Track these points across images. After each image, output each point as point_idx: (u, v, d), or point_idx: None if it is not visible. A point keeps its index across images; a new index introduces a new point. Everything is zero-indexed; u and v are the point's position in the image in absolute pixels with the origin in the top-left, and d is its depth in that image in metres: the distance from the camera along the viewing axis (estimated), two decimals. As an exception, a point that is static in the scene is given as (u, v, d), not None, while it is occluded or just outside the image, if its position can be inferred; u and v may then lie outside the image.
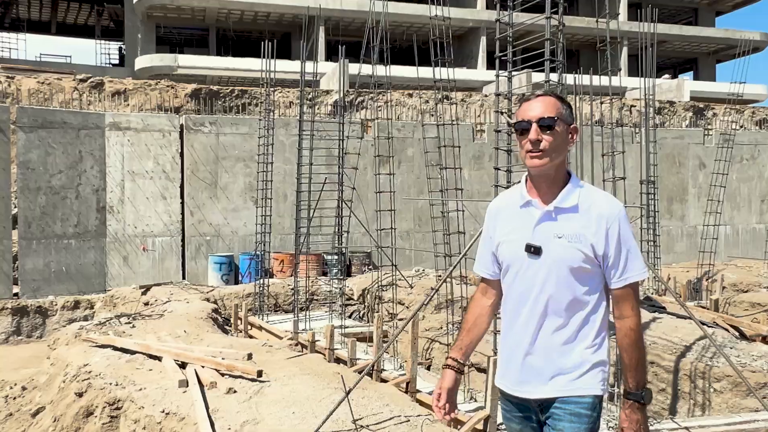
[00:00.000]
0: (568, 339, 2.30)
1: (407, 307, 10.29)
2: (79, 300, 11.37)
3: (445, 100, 19.82)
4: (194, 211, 13.98)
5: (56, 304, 11.08)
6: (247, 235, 14.35)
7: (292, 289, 11.72)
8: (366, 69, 12.76)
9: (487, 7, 34.56)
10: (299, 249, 10.12)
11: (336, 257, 13.85)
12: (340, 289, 10.37)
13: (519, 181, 2.49)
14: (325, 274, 14.06)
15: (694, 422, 4.79)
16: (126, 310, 10.51)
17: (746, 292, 10.59)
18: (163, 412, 4.55)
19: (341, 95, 12.21)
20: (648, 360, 5.74)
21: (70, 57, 32.43)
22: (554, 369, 2.30)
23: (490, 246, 2.49)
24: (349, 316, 11.29)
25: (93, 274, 13.24)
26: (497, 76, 6.31)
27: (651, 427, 5.03)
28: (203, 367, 5.45)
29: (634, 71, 37.38)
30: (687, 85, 30.02)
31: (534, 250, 2.30)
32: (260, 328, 9.44)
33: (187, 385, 5.00)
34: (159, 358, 5.90)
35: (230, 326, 9.93)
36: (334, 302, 11.20)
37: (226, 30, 34.08)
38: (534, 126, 2.27)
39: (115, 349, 6.33)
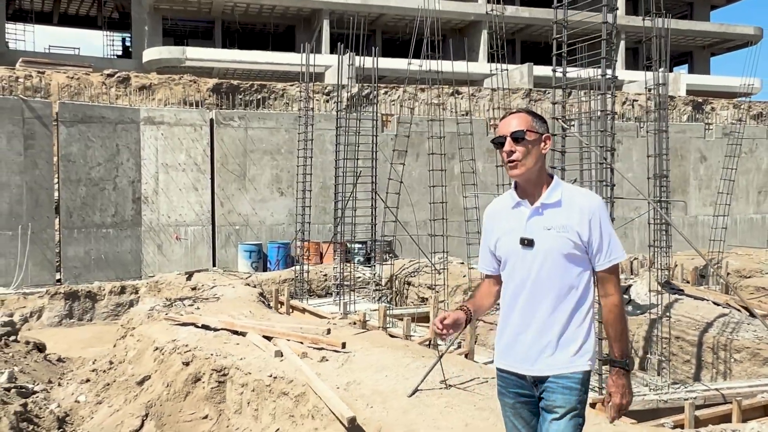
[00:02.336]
0: (561, 320, 2.58)
1: (437, 292, 11.05)
2: (125, 285, 12.05)
3: (456, 95, 20.54)
4: (224, 202, 14.66)
5: (104, 290, 11.76)
6: (274, 224, 15.07)
7: (324, 275, 12.48)
8: (381, 62, 13.27)
9: (488, 1, 35.19)
10: (337, 237, 10.83)
11: (359, 245, 14.61)
12: (376, 275, 11.10)
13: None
14: (348, 261, 14.80)
15: (722, 385, 5.59)
16: (171, 295, 11.19)
17: (749, 278, 11.42)
18: (271, 376, 5.27)
19: (358, 90, 12.85)
20: (674, 335, 6.55)
21: (79, 49, 32.70)
22: (550, 348, 2.58)
23: (489, 245, 2.80)
24: (378, 300, 12.03)
25: (129, 262, 13.92)
26: (554, 78, 6.96)
27: (687, 389, 5.82)
28: (288, 340, 6.18)
29: (630, 65, 38.19)
30: (683, 79, 30.85)
31: (527, 243, 2.60)
32: (303, 310, 10.16)
33: (282, 356, 5.72)
34: (242, 334, 6.61)
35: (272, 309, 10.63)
36: (364, 287, 11.94)
37: (231, 22, 34.50)
38: (508, 139, 2.61)
39: (196, 326, 7.05)
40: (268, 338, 6.34)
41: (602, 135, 5.47)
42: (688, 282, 11.52)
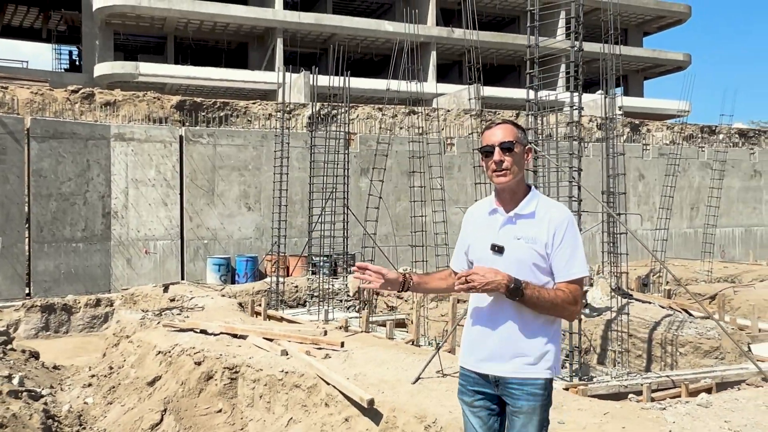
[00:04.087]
0: (526, 327, 2.66)
1: (405, 301, 11.76)
2: (100, 298, 12.31)
3: (411, 114, 21.43)
4: (193, 217, 15.05)
5: (79, 302, 12.00)
6: (242, 238, 15.53)
7: (296, 287, 13.04)
8: (335, 81, 13.91)
9: (437, 24, 36.48)
10: (313, 251, 11.43)
11: (325, 258, 15.21)
12: (347, 285, 11.74)
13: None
14: (314, 273, 15.37)
15: (671, 373, 6.49)
16: (147, 307, 11.54)
17: (687, 285, 12.58)
18: (282, 371, 5.85)
19: (319, 108, 13.51)
20: (626, 333, 7.44)
21: (27, 62, 32.28)
22: (513, 352, 2.67)
23: (463, 246, 2.91)
24: (348, 309, 12.65)
25: (99, 276, 14.14)
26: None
27: (642, 377, 6.69)
28: (289, 341, 6.77)
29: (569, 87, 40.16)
30: (617, 102, 32.66)
31: (498, 249, 2.69)
32: (281, 319, 10.69)
33: (288, 354, 6.31)
34: (243, 337, 7.16)
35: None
36: (332, 298, 12.54)
37: (183, 38, 34.67)
38: (497, 149, 2.69)
39: (195, 332, 7.55)
40: (269, 340, 6.92)
41: (570, 157, 6.34)
42: (632, 290, 12.60)
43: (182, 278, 14.81)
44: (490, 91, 30.61)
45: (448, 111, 21.66)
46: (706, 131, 24.48)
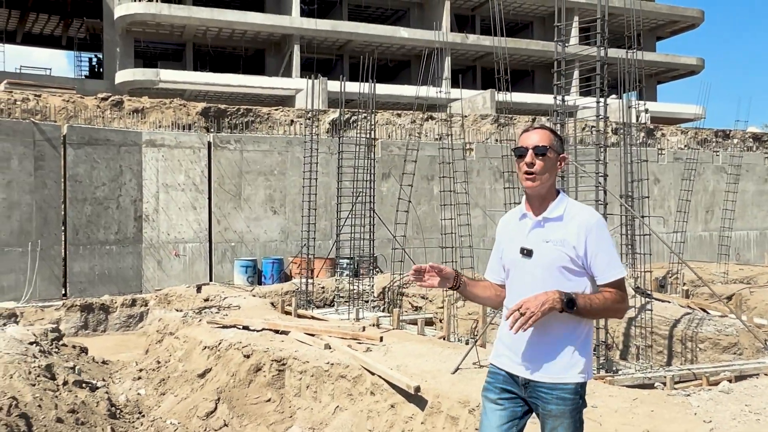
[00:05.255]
0: (556, 331, 2.69)
1: (430, 301, 12.17)
2: (135, 298, 12.79)
3: (429, 119, 21.86)
4: (220, 220, 15.54)
5: (116, 302, 12.49)
6: (267, 241, 16.00)
7: (322, 288, 13.48)
8: (351, 86, 14.26)
9: (452, 30, 36.93)
10: (340, 253, 11.86)
11: (347, 260, 15.66)
12: (372, 286, 12.17)
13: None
14: (340, 275, 15.80)
15: (692, 366, 6.86)
16: (181, 306, 12.03)
17: (703, 286, 12.91)
18: (328, 363, 6.27)
19: (339, 114, 13.94)
20: (648, 330, 7.82)
21: (50, 69, 32.98)
22: (544, 356, 2.70)
23: (498, 253, 2.97)
24: (373, 309, 13.07)
25: (131, 277, 14.64)
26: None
27: (665, 369, 7.06)
28: (330, 336, 7.20)
29: (584, 92, 40.44)
30: (637, 106, 32.93)
31: (526, 252, 2.75)
32: (311, 318, 11.11)
33: (331, 348, 6.74)
34: (285, 333, 7.60)
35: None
36: (357, 298, 12.96)
37: (202, 45, 35.29)
38: (530, 152, 2.73)
39: (238, 328, 8.00)
40: (310, 336, 7.35)
41: (596, 163, 6.73)
42: (651, 290, 12.94)
43: (210, 280, 15.28)
44: (503, 96, 30.97)
45: (466, 116, 22.05)
46: (720, 135, 24.75)
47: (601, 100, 7.01)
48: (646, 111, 9.85)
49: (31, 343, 7.30)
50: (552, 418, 2.71)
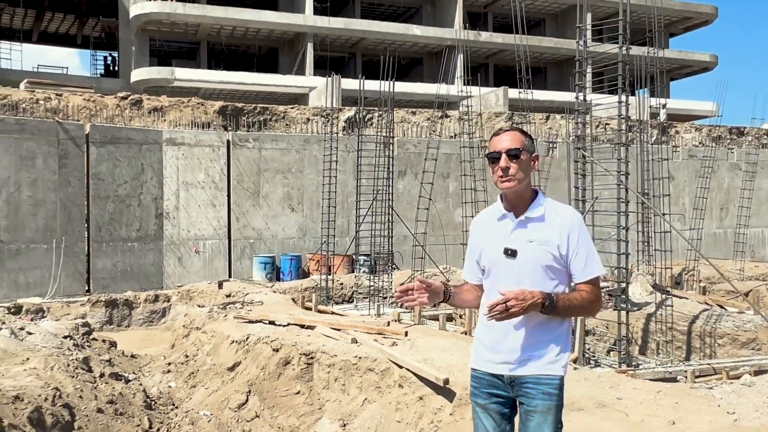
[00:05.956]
0: (540, 327, 2.73)
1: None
2: (158, 294, 13.04)
3: (444, 117, 22.00)
4: (239, 217, 15.76)
5: (139, 298, 12.73)
6: (285, 238, 16.21)
7: (341, 284, 13.67)
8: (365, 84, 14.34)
9: (464, 27, 37.00)
10: (357, 250, 12.04)
11: (365, 257, 15.83)
12: (392, 283, 12.34)
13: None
14: (353, 271, 15.99)
15: (712, 361, 6.99)
16: (203, 302, 12.25)
17: (718, 283, 13.00)
18: (356, 356, 6.45)
19: (355, 112, 14.15)
20: (667, 326, 7.95)
21: (67, 68, 33.36)
22: (528, 351, 2.74)
23: (474, 255, 2.95)
24: (391, 305, 13.24)
25: (152, 273, 14.89)
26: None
27: (685, 364, 7.20)
28: (355, 331, 7.38)
29: (597, 88, 40.42)
30: (646, 103, 32.93)
31: (511, 253, 2.76)
32: (332, 314, 11.30)
33: (358, 342, 6.92)
34: (311, 328, 7.79)
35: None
36: (375, 294, 13.13)
37: (216, 44, 35.56)
38: (503, 156, 2.75)
39: (264, 323, 8.19)
40: (335, 330, 7.53)
41: (618, 162, 6.87)
42: (668, 287, 13.05)
43: (229, 276, 15.51)
44: (516, 93, 31.06)
45: (480, 114, 22.17)
46: (734, 132, 24.73)
47: (623, 99, 7.12)
48: (664, 106, 9.88)
49: (65, 337, 7.52)
50: (537, 414, 2.74)
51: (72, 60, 67.85)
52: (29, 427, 4.83)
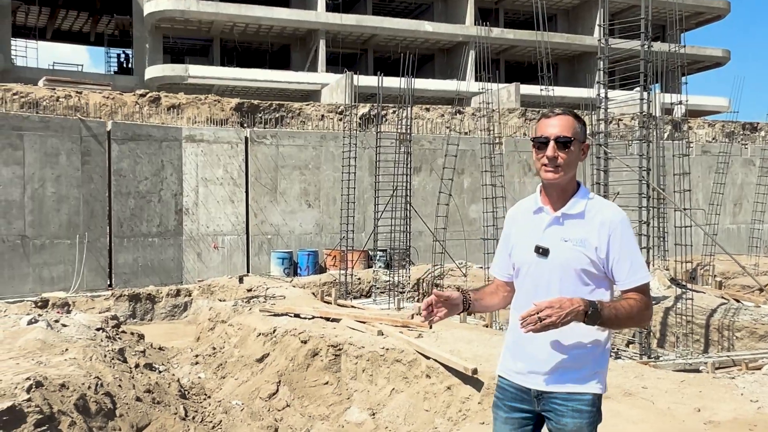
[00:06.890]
0: (572, 337, 2.40)
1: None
2: (180, 289, 13.28)
3: (458, 113, 22.13)
4: (257, 213, 15.97)
5: (161, 292, 12.97)
6: (302, 234, 16.41)
7: (359, 279, 13.86)
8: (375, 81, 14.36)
9: (476, 23, 37.06)
10: (376, 245, 12.22)
11: (381, 253, 16.02)
12: (409, 278, 12.52)
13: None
14: (369, 266, 16.18)
15: (730, 353, 7.13)
16: (224, 297, 12.48)
17: (734, 278, 13.12)
18: (383, 348, 6.63)
19: (369, 109, 14.31)
20: (685, 319, 8.09)
21: (82, 66, 33.67)
22: (559, 363, 2.42)
23: (506, 248, 2.65)
24: (408, 299, 13.43)
25: (172, 268, 15.13)
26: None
27: (705, 356, 7.34)
28: (381, 324, 7.56)
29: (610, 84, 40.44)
30: (658, 98, 32.94)
31: (542, 251, 2.45)
32: (352, 308, 11.50)
33: (384, 334, 7.10)
34: (335, 321, 7.98)
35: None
36: (392, 289, 13.33)
37: (228, 41, 35.79)
38: (552, 143, 2.41)
39: (290, 316, 8.39)
40: (360, 323, 7.72)
41: (640, 158, 7.01)
42: (685, 282, 13.17)
43: (248, 271, 15.73)
44: (527, 89, 31.16)
45: (495, 111, 22.28)
46: (747, 128, 24.73)
47: (644, 96, 7.25)
48: (680, 103, 9.95)
49: (97, 329, 7.75)
50: None
51: (82, 57, 68.37)
52: (76, 414, 5.04)
